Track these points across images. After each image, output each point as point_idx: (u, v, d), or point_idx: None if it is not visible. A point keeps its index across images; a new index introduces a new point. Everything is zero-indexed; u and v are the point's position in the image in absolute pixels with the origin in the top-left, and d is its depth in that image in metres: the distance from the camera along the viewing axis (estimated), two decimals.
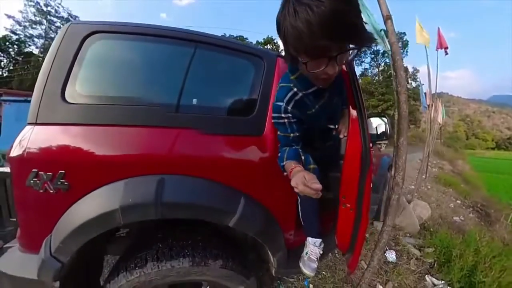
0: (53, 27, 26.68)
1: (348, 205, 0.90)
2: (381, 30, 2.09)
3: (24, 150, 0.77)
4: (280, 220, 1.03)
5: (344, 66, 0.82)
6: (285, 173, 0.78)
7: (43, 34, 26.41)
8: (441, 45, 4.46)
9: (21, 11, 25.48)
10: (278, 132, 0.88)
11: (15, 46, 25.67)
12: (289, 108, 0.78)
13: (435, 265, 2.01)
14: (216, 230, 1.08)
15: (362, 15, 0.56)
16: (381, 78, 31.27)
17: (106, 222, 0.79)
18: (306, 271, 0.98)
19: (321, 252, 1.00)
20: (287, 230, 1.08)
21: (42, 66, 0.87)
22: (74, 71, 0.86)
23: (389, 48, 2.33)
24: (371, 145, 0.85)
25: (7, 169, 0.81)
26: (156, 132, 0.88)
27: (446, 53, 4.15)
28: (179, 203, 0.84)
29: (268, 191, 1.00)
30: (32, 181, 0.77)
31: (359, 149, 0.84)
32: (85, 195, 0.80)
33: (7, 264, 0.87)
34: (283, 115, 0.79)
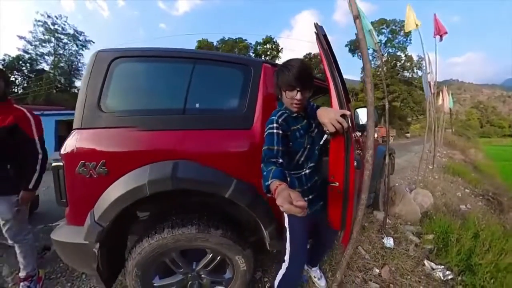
0: (61, 44, 27.98)
1: (337, 184, 1.00)
2: (369, 30, 2.37)
3: (74, 147, 1.11)
4: (269, 200, 1.19)
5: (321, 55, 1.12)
6: (268, 195, 0.77)
7: (52, 51, 27.71)
8: (439, 31, 4.41)
9: (31, 31, 26.90)
10: (264, 147, 0.95)
11: (27, 64, 27.07)
12: (280, 120, 1.00)
13: (435, 250, 2.03)
14: (224, 214, 1.36)
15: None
16: (385, 69, 30.37)
17: (137, 193, 1.08)
18: None
19: None
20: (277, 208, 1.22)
21: (81, 86, 1.22)
22: (105, 87, 1.18)
23: (377, 41, 2.45)
24: (351, 125, 0.97)
25: (60, 163, 1.14)
26: (170, 132, 1.21)
27: (441, 39, 4.11)
28: (188, 178, 1.14)
29: (258, 173, 1.11)
30: (80, 169, 1.09)
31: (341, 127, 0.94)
32: (119, 178, 1.11)
33: (58, 234, 1.19)
34: (275, 125, 0.98)
